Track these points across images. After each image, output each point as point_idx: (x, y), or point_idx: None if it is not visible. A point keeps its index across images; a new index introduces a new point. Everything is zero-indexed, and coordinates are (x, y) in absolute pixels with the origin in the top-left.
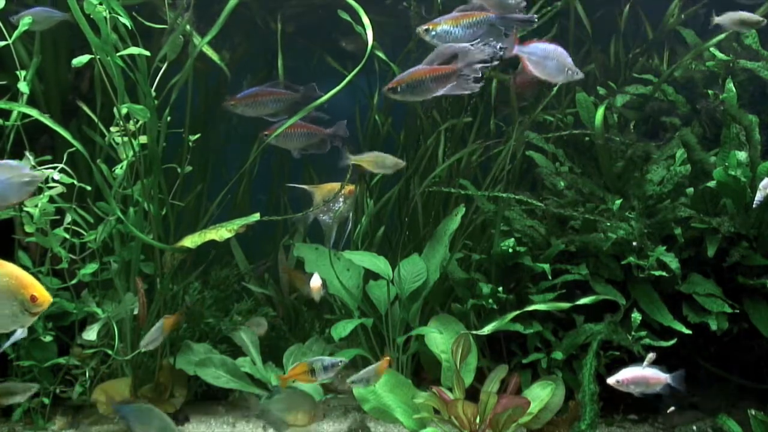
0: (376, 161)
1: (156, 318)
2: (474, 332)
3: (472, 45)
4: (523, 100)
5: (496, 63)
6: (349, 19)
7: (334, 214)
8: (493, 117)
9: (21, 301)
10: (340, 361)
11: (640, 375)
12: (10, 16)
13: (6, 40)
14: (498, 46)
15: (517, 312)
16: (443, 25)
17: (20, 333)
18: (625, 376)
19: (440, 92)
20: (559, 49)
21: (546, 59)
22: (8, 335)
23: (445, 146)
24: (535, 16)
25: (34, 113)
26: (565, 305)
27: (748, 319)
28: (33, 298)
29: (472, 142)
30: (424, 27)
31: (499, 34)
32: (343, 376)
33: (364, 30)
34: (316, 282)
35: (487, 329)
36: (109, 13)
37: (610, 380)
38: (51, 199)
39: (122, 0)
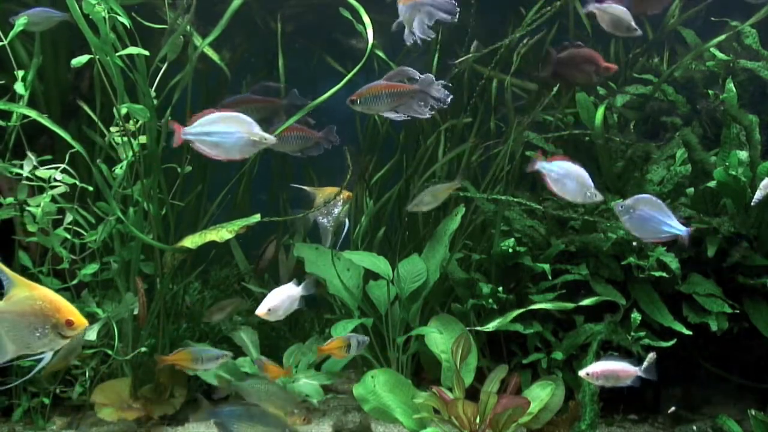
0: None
1: (156, 318)
2: (477, 328)
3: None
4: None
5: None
6: (350, 17)
7: (333, 217)
8: (493, 117)
9: (54, 325)
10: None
11: (610, 369)
12: (11, 17)
13: (5, 41)
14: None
15: (521, 311)
16: (365, 94)
17: (47, 357)
18: (594, 370)
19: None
20: (581, 170)
21: (566, 178)
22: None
23: (445, 146)
24: (450, 96)
25: (32, 114)
26: (569, 305)
27: (748, 318)
28: (69, 323)
29: (472, 143)
30: (351, 98)
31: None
32: (344, 377)
33: (365, 29)
34: (262, 308)
35: (491, 326)
36: (108, 13)
37: (581, 373)
38: (52, 199)
39: (122, 0)
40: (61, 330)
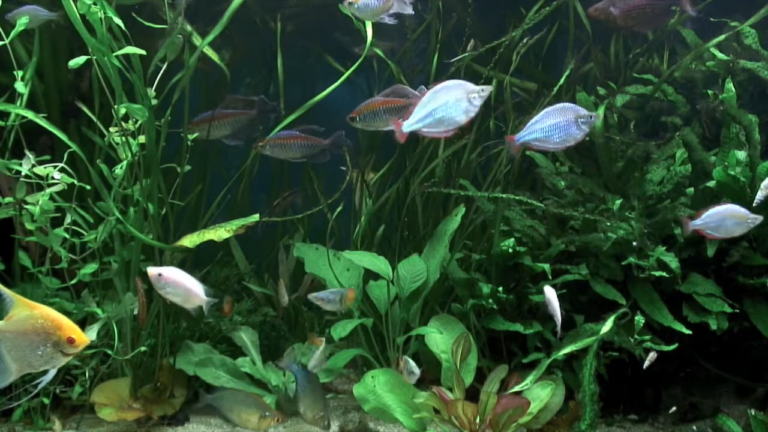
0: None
1: (156, 318)
2: (517, 388)
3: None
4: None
5: None
6: (349, 15)
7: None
8: (493, 116)
9: (55, 342)
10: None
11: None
12: (6, 15)
13: (5, 40)
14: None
15: (549, 360)
16: (364, 111)
17: (51, 374)
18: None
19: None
20: (730, 207)
21: (724, 220)
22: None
23: (445, 145)
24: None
25: (29, 115)
26: (591, 340)
27: (748, 318)
28: (70, 340)
29: (473, 142)
30: (350, 116)
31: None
32: (344, 377)
33: (364, 27)
34: (156, 269)
35: (527, 381)
36: (104, 13)
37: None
38: (51, 198)
39: (121, 0)
40: (63, 347)
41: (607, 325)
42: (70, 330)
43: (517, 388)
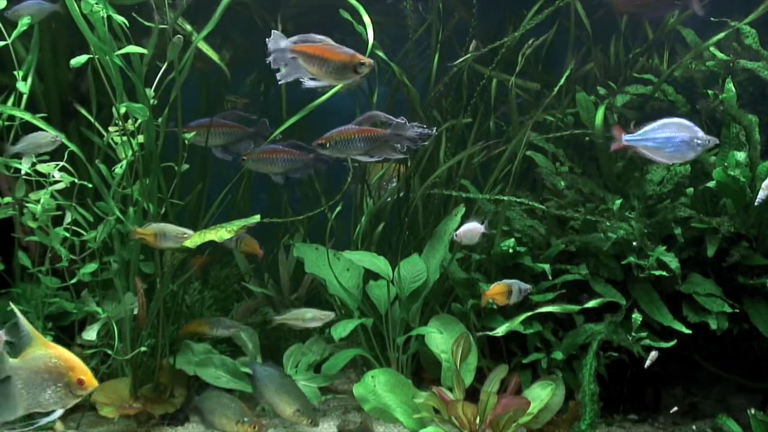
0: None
1: (156, 318)
2: (488, 333)
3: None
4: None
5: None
6: (350, 19)
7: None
8: (493, 116)
9: (67, 383)
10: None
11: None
12: (6, 12)
13: (6, 39)
14: (429, 131)
15: (528, 314)
16: (336, 138)
17: (58, 413)
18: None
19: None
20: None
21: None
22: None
23: (446, 146)
24: (429, 134)
25: (27, 116)
26: (575, 307)
27: (748, 319)
28: (80, 382)
29: (473, 143)
30: (319, 142)
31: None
32: (344, 377)
33: (365, 29)
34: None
35: (500, 330)
36: (106, 13)
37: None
38: (51, 197)
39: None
40: (73, 388)
41: (591, 304)
42: (81, 372)
43: (490, 333)
